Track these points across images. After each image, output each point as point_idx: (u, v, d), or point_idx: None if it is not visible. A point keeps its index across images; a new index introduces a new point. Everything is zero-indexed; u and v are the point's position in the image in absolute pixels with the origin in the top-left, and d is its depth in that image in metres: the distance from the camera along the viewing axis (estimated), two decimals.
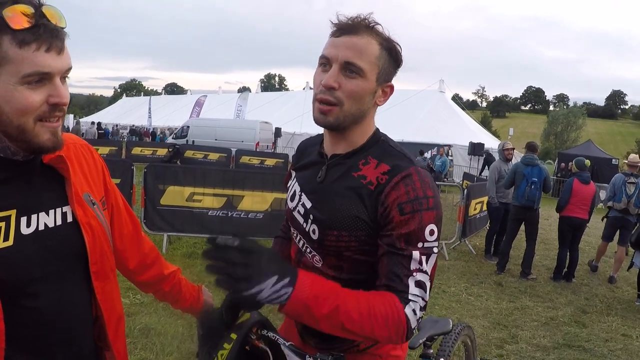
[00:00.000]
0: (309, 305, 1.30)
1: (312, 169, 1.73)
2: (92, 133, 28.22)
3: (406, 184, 1.48)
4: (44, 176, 1.38)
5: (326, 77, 1.51)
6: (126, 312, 5.07)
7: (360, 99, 1.54)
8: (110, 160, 14.54)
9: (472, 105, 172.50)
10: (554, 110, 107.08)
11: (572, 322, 6.30)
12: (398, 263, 1.44)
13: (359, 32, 1.50)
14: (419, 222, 1.45)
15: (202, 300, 1.98)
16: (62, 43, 1.27)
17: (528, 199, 8.18)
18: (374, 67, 1.53)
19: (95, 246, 1.44)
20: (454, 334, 3.14)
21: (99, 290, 1.46)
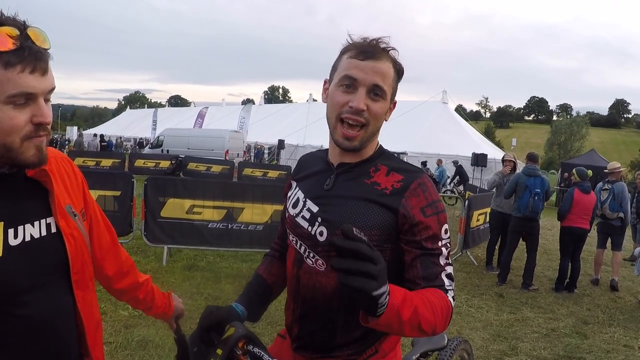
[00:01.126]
0: (399, 311, 1.34)
1: (318, 177, 1.80)
2: (95, 145, 28.22)
3: (423, 190, 1.62)
4: (28, 189, 1.43)
5: (356, 99, 1.59)
6: (124, 324, 5.10)
7: (381, 119, 1.67)
8: (110, 173, 14.65)
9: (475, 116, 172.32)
10: (558, 120, 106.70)
11: (573, 334, 6.26)
12: (431, 262, 1.57)
13: (381, 57, 1.61)
14: (438, 223, 1.60)
15: (173, 306, 2.08)
16: (46, 64, 1.33)
17: (532, 210, 8.14)
18: (390, 89, 1.65)
19: (77, 256, 1.50)
20: (449, 349, 3.10)
21: (79, 298, 1.51)
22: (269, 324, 5.56)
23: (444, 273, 1.57)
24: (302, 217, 1.74)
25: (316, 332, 1.73)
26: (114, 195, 8.12)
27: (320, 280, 1.68)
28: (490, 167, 25.70)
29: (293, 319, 1.80)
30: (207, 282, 7.06)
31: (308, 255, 1.71)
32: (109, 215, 7.83)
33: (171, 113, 69.25)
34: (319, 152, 1.95)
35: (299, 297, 1.76)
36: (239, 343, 1.62)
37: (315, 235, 1.68)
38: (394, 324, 1.35)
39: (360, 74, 1.59)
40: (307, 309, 1.73)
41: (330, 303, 1.67)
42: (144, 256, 8.27)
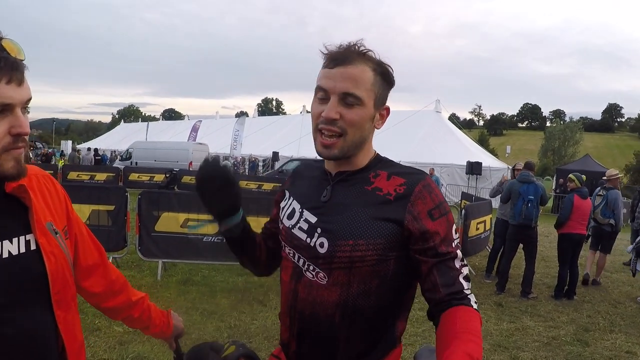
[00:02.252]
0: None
1: (314, 187, 1.74)
2: (89, 159, 28.15)
3: (429, 191, 1.57)
4: (7, 205, 1.40)
5: (327, 109, 1.55)
6: (119, 341, 5.05)
7: (362, 126, 1.59)
8: (104, 187, 14.59)
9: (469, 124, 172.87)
10: (551, 126, 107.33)
11: (575, 341, 6.19)
12: (448, 268, 1.51)
13: (352, 61, 1.55)
14: (447, 224, 1.55)
15: (172, 324, 2.00)
16: (22, 75, 1.31)
17: (525, 217, 8.12)
18: (371, 94, 1.58)
19: (58, 274, 1.44)
20: None
21: (60, 319, 1.46)
22: (266, 339, 5.50)
23: (461, 276, 1.52)
24: (300, 228, 1.67)
25: (316, 348, 1.65)
26: (108, 209, 8.05)
27: (322, 294, 1.59)
28: (485, 175, 25.79)
29: (290, 335, 1.71)
30: (203, 297, 6.98)
31: (307, 268, 1.63)
32: (103, 230, 7.86)
33: (165, 127, 69.33)
34: (315, 162, 1.89)
35: (295, 312, 1.66)
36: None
37: (315, 247, 1.60)
38: None
39: (328, 83, 1.56)
40: (306, 324, 1.64)
41: (332, 318, 1.58)
42: (139, 271, 8.19)
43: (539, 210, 8.21)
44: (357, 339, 1.61)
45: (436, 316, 1.51)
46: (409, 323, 6.38)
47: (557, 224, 8.41)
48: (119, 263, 8.41)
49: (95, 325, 5.43)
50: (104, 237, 7.77)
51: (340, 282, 1.56)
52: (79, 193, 8.27)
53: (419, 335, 6.03)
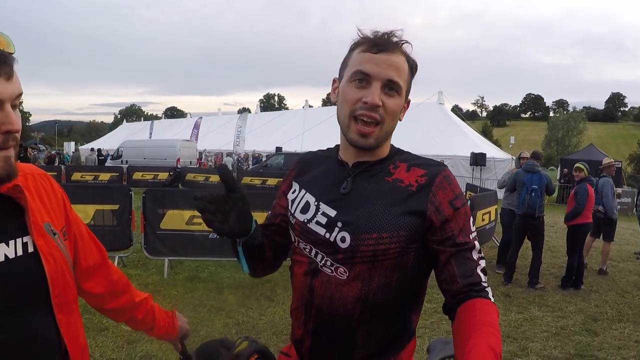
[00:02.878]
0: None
1: (330, 178, 1.68)
2: (93, 160, 28.18)
3: (449, 182, 1.55)
4: (1, 207, 1.34)
5: (371, 94, 1.50)
6: (127, 340, 5.03)
7: (396, 116, 1.59)
8: (108, 187, 14.58)
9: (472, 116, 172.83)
10: (554, 117, 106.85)
11: (583, 331, 6.17)
12: (466, 259, 1.49)
13: (395, 49, 1.53)
14: (465, 215, 1.54)
15: (177, 325, 1.94)
16: (11, 69, 1.23)
17: (529, 207, 8.08)
18: (405, 85, 1.57)
19: (58, 277, 1.39)
20: None
21: (62, 323, 1.40)
22: (274, 334, 5.49)
23: (479, 268, 1.50)
24: (317, 222, 1.61)
25: (333, 345, 1.61)
26: (112, 209, 8.04)
27: (342, 290, 1.54)
28: (489, 166, 25.69)
29: (304, 332, 1.65)
30: (210, 293, 6.98)
31: (325, 264, 1.58)
32: (108, 229, 7.85)
33: (167, 125, 69.28)
34: (321, 151, 1.85)
35: (312, 308, 1.61)
36: (250, 358, 1.54)
37: (336, 242, 1.55)
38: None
39: (374, 68, 1.50)
40: (323, 321, 1.59)
41: (352, 313, 1.54)
42: (145, 269, 8.19)
43: (543, 200, 8.14)
44: (375, 334, 1.58)
45: (453, 308, 1.48)
46: None
47: (571, 215, 8.22)
48: (125, 262, 8.41)
49: (103, 325, 5.42)
50: (110, 236, 7.79)
51: (362, 276, 1.53)
52: (83, 193, 8.27)
53: (427, 327, 6.02)
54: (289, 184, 1.83)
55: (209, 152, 43.44)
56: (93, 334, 5.22)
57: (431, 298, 7.23)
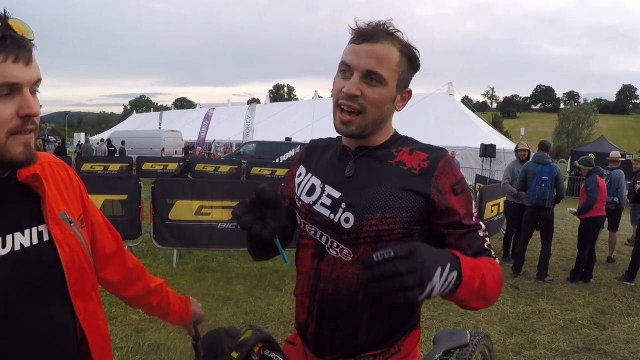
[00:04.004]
0: (472, 281, 1.34)
1: (334, 162, 1.73)
2: (103, 150, 28.24)
3: (450, 167, 1.58)
4: (19, 195, 1.35)
5: (348, 85, 1.53)
6: (135, 328, 5.06)
7: (382, 106, 1.58)
8: (117, 177, 14.64)
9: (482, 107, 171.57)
10: (565, 108, 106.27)
11: (592, 325, 6.13)
12: (474, 238, 1.56)
13: (379, 39, 1.53)
14: (468, 199, 1.59)
15: (191, 311, 1.99)
16: (30, 54, 1.24)
17: (539, 198, 8.00)
18: (394, 75, 1.56)
19: (74, 265, 1.39)
20: (471, 346, 2.99)
21: (80, 310, 1.41)
22: (282, 324, 5.51)
23: (485, 244, 1.58)
24: (322, 204, 1.65)
25: (337, 329, 1.63)
26: (121, 199, 8.07)
27: (346, 271, 1.58)
28: (499, 158, 25.59)
29: (308, 316, 1.69)
30: (218, 283, 7.01)
31: (331, 245, 1.61)
32: (117, 219, 7.88)
33: (176, 115, 69.41)
34: (329, 138, 1.89)
35: (317, 291, 1.64)
36: (255, 347, 1.55)
37: (340, 223, 1.59)
38: (470, 297, 1.38)
39: (353, 59, 1.54)
40: (328, 304, 1.63)
41: (356, 296, 1.58)
42: (154, 259, 8.24)
43: (553, 192, 8.09)
44: (379, 319, 1.60)
45: None
46: (424, 306, 6.36)
47: (583, 208, 8.13)
48: (135, 251, 8.44)
49: (111, 313, 5.46)
50: (118, 226, 7.75)
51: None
52: (92, 183, 8.30)
53: (435, 318, 6.03)
54: (298, 167, 1.87)
55: (219, 143, 43.48)
56: None
57: None
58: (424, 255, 1.17)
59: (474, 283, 1.34)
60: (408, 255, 1.15)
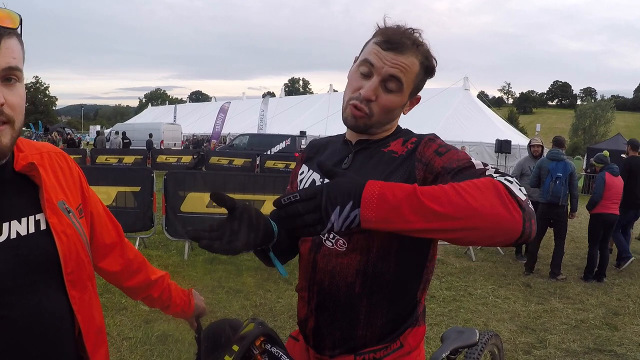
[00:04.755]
0: (383, 196, 1.17)
1: (336, 156, 1.75)
2: (117, 143, 28.34)
3: (433, 141, 1.55)
4: (16, 184, 1.33)
5: (367, 88, 1.54)
6: (145, 319, 5.09)
7: (391, 112, 1.61)
8: (130, 169, 14.70)
9: (498, 102, 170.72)
10: (582, 105, 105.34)
11: (604, 325, 6.06)
12: (470, 173, 1.35)
13: (405, 50, 1.54)
14: (456, 154, 1.45)
15: (194, 304, 1.97)
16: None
17: (553, 195, 7.92)
18: (411, 85, 1.59)
19: (71, 254, 1.37)
20: (480, 345, 2.95)
21: (75, 300, 1.39)
22: (291, 317, 5.51)
23: (487, 171, 1.34)
24: None
25: (335, 322, 1.63)
26: (134, 190, 8.12)
27: (341, 262, 1.57)
28: (515, 154, 25.41)
29: (308, 311, 1.70)
30: (229, 276, 7.04)
31: (327, 237, 1.62)
32: (130, 210, 7.94)
33: (192, 109, 69.63)
34: (331, 137, 1.91)
35: (314, 284, 1.65)
36: (256, 341, 1.53)
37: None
38: (390, 219, 1.17)
39: (377, 62, 1.54)
40: (325, 296, 1.63)
41: (352, 287, 1.57)
42: (166, 250, 8.30)
43: (567, 189, 8.01)
44: (378, 312, 1.59)
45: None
46: (435, 303, 6.35)
47: (589, 204, 8.17)
48: (147, 243, 8.51)
49: (122, 304, 5.49)
50: (131, 217, 7.91)
51: (360, 247, 1.55)
52: (105, 175, 8.38)
53: (445, 315, 6.00)
54: (300, 167, 1.88)
55: (234, 136, 43.67)
56: (112, 312, 5.30)
57: (450, 286, 7.24)
58: (324, 197, 1.17)
59: (396, 196, 1.16)
60: (310, 198, 1.18)
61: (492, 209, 1.15)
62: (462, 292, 6.96)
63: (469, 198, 1.15)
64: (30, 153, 1.40)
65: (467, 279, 7.68)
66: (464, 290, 7.09)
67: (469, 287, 7.24)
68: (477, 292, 7.07)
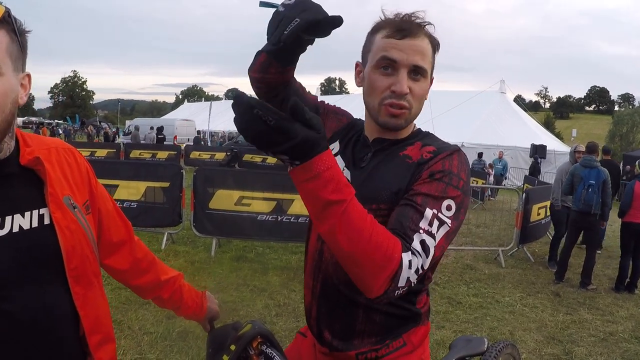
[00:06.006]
0: (319, 175, 1.17)
1: (358, 149, 1.72)
2: (151, 138, 28.60)
3: (445, 159, 1.49)
4: (21, 178, 1.35)
5: (399, 83, 1.51)
6: (167, 315, 5.15)
7: (423, 99, 1.61)
8: (160, 164, 14.85)
9: (534, 107, 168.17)
10: (619, 111, 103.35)
11: (633, 339, 5.88)
12: (408, 217, 1.38)
13: (418, 33, 1.53)
14: (442, 191, 1.43)
15: (206, 307, 1.94)
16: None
17: (585, 203, 7.75)
18: (430, 67, 1.58)
19: (75, 250, 1.38)
20: (492, 355, 2.90)
21: (78, 296, 1.39)
22: None
23: (417, 235, 1.35)
24: None
25: (335, 313, 1.65)
26: (163, 186, 8.20)
27: None
28: (549, 159, 25.05)
29: (312, 298, 1.73)
30: (255, 274, 7.05)
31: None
32: (158, 206, 8.03)
33: (227, 106, 70.02)
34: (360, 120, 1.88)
35: (319, 273, 1.69)
36: (253, 342, 1.58)
37: None
38: (309, 192, 1.19)
39: (400, 55, 1.51)
40: (327, 286, 1.66)
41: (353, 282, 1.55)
42: (193, 247, 8.35)
43: (599, 197, 7.81)
44: (377, 309, 1.60)
45: None
46: (461, 309, 6.26)
47: (619, 212, 8.02)
48: (175, 239, 8.57)
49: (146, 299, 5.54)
50: (159, 213, 8.00)
51: None
52: (135, 170, 8.48)
53: (471, 322, 5.92)
54: (338, 127, 1.86)
55: None
56: (135, 307, 5.36)
57: (477, 292, 7.14)
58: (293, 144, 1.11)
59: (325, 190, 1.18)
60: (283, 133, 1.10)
61: (371, 273, 1.26)
62: (489, 299, 6.85)
63: (366, 250, 1.23)
64: (38, 148, 1.40)
65: (495, 286, 7.56)
66: (491, 297, 6.98)
67: (496, 294, 7.13)
68: (505, 299, 6.95)
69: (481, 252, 9.84)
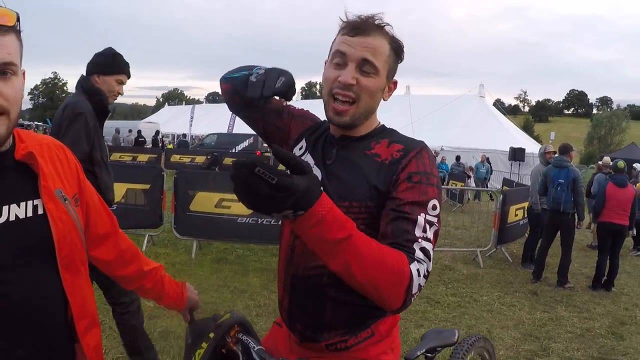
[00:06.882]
0: (323, 219, 1.21)
1: (325, 147, 1.77)
2: (130, 140, 28.38)
3: (417, 159, 1.56)
4: (16, 171, 1.43)
5: (344, 73, 1.57)
6: (148, 315, 5.10)
7: (374, 95, 1.64)
8: (140, 167, 14.79)
9: (514, 110, 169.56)
10: (597, 114, 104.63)
11: (609, 334, 6.01)
12: (403, 229, 1.45)
13: (371, 32, 1.58)
14: (425, 193, 1.50)
15: (186, 297, 2.02)
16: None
17: (554, 201, 7.93)
18: (385, 66, 1.62)
19: (65, 239, 1.46)
20: (464, 347, 2.97)
21: (68, 282, 1.47)
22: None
23: (416, 244, 1.43)
24: None
25: (305, 306, 1.70)
26: (144, 188, 8.19)
27: None
28: (528, 162, 25.29)
29: (284, 290, 1.77)
30: (235, 276, 7.07)
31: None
32: (139, 208, 8.01)
33: (209, 109, 69.81)
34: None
35: (290, 266, 1.72)
36: (231, 330, 1.65)
37: None
38: (313, 238, 1.24)
39: (349, 49, 1.58)
40: (297, 279, 1.70)
41: (321, 277, 1.63)
42: (174, 249, 8.35)
43: (570, 196, 7.93)
44: (344, 304, 1.64)
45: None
46: (439, 308, 6.32)
47: (593, 214, 8.28)
48: (155, 241, 8.57)
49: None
50: (140, 215, 7.98)
51: None
52: (116, 172, 8.40)
53: (449, 320, 6.00)
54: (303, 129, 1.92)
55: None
56: None
57: (456, 292, 7.22)
58: (293, 201, 1.15)
59: (332, 232, 1.23)
60: (284, 190, 1.13)
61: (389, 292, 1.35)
62: (467, 299, 6.93)
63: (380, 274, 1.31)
64: (31, 144, 1.49)
65: (474, 286, 7.66)
66: (469, 296, 7.07)
67: (474, 294, 7.22)
68: (483, 298, 7.04)
69: (460, 253, 9.93)
